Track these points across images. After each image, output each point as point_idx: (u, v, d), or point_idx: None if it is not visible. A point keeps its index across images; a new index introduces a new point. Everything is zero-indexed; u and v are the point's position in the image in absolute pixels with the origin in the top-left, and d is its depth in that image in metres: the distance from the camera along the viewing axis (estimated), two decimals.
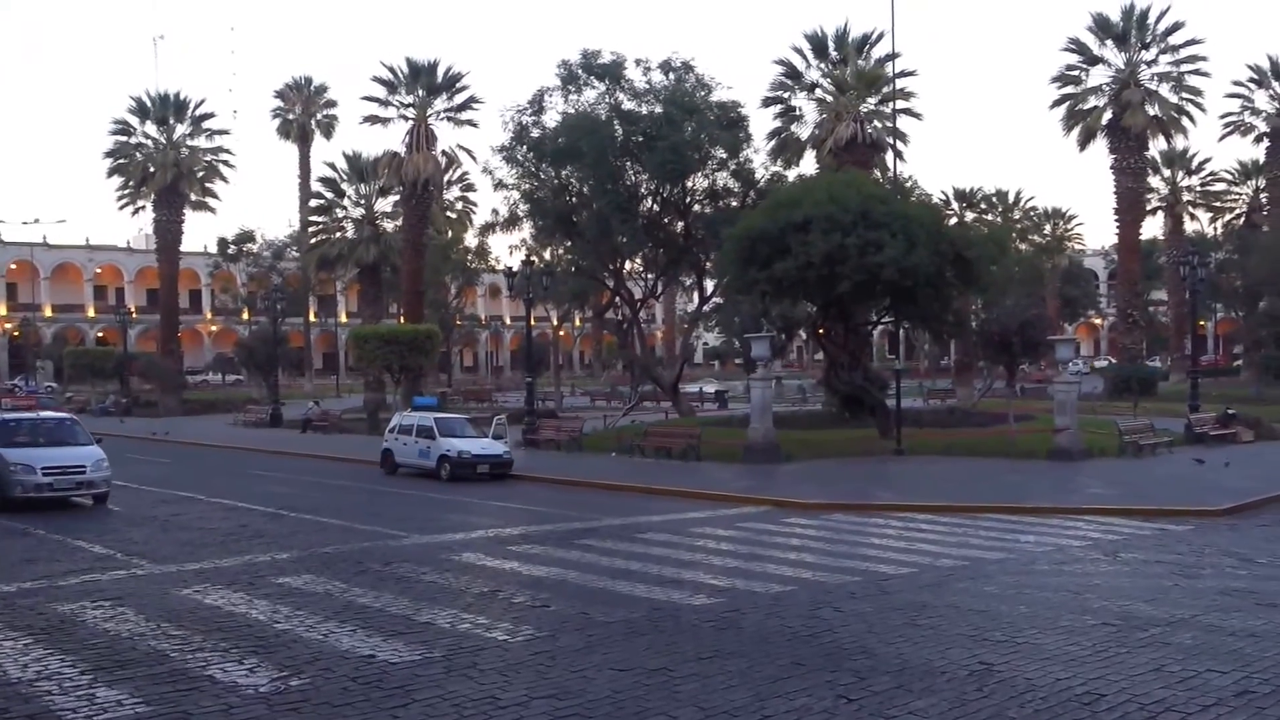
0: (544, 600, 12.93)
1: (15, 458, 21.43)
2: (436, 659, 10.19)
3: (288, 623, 11.73)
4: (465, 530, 18.96)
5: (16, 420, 24.18)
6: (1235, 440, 31.95)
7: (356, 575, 14.54)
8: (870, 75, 45.78)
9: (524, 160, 40.84)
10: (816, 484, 24.73)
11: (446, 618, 11.94)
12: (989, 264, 31.77)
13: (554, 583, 14.04)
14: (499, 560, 15.78)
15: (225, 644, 10.78)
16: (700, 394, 58.76)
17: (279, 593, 13.35)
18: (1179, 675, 9.55)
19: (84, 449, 22.39)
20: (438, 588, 13.73)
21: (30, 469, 21.21)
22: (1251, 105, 64.45)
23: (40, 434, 22.73)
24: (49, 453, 21.84)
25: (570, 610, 12.34)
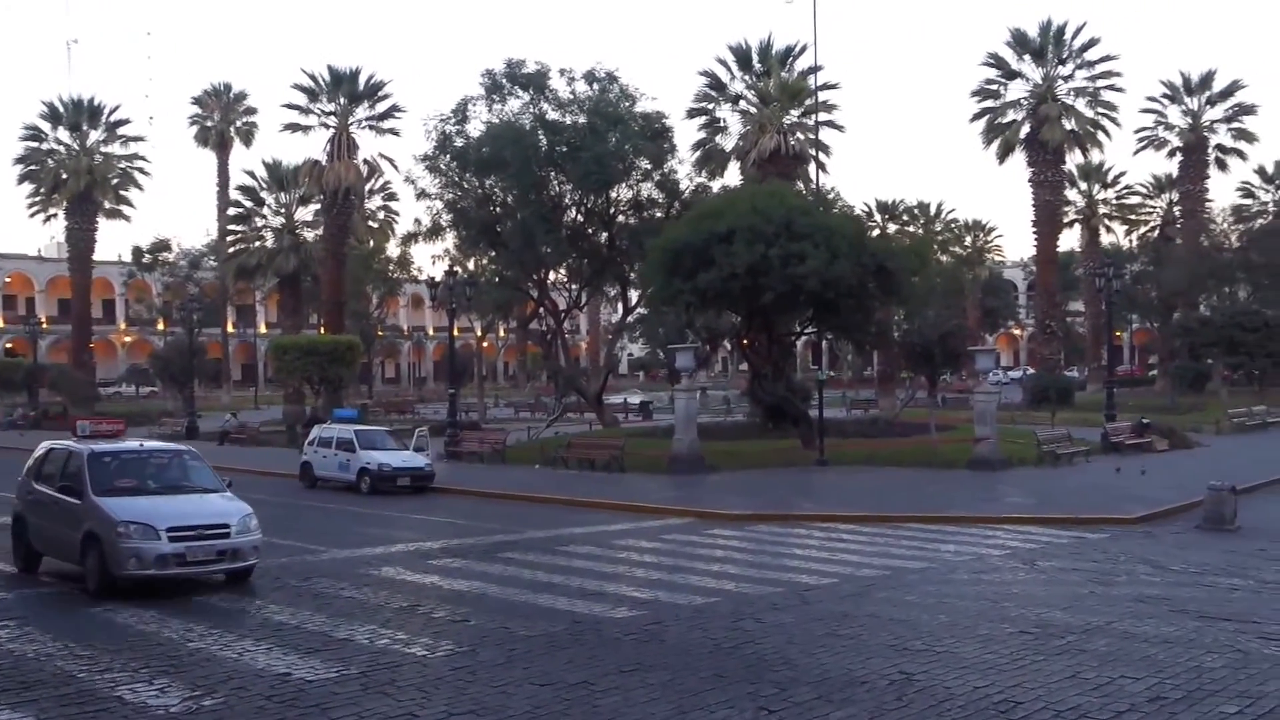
0: (464, 615, 12.74)
1: (125, 512, 13.75)
2: (354, 676, 9.98)
3: (201, 641, 11.43)
4: (385, 544, 18.62)
5: (115, 455, 15.37)
6: (1150, 449, 32.74)
7: (273, 591, 14.23)
8: (794, 87, 46.26)
9: (447, 170, 40.45)
10: (740, 495, 24.76)
11: (365, 634, 11.71)
12: (910, 275, 32.14)
13: (475, 597, 13.86)
14: (419, 574, 15.51)
15: (135, 664, 10.48)
16: (625, 405, 58.71)
17: (192, 610, 12.99)
18: (1094, 682, 9.68)
19: (218, 499, 15.14)
20: (356, 603, 13.46)
21: (150, 531, 13.58)
22: (1165, 120, 66.73)
23: (149, 474, 15.30)
24: (171, 505, 14.42)
25: (491, 624, 12.17)
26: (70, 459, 15.17)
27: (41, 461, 16.13)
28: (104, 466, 14.85)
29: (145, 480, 15.05)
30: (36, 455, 16.47)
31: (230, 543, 14.20)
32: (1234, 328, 52.73)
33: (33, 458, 16.48)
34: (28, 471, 16.23)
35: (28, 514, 15.79)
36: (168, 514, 14.04)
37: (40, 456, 16.32)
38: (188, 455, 16.23)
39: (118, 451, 15.56)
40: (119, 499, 14.16)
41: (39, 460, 16.22)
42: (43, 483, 15.60)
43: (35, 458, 16.42)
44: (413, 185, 41.51)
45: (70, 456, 15.22)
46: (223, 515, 14.43)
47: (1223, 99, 65.44)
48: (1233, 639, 11.26)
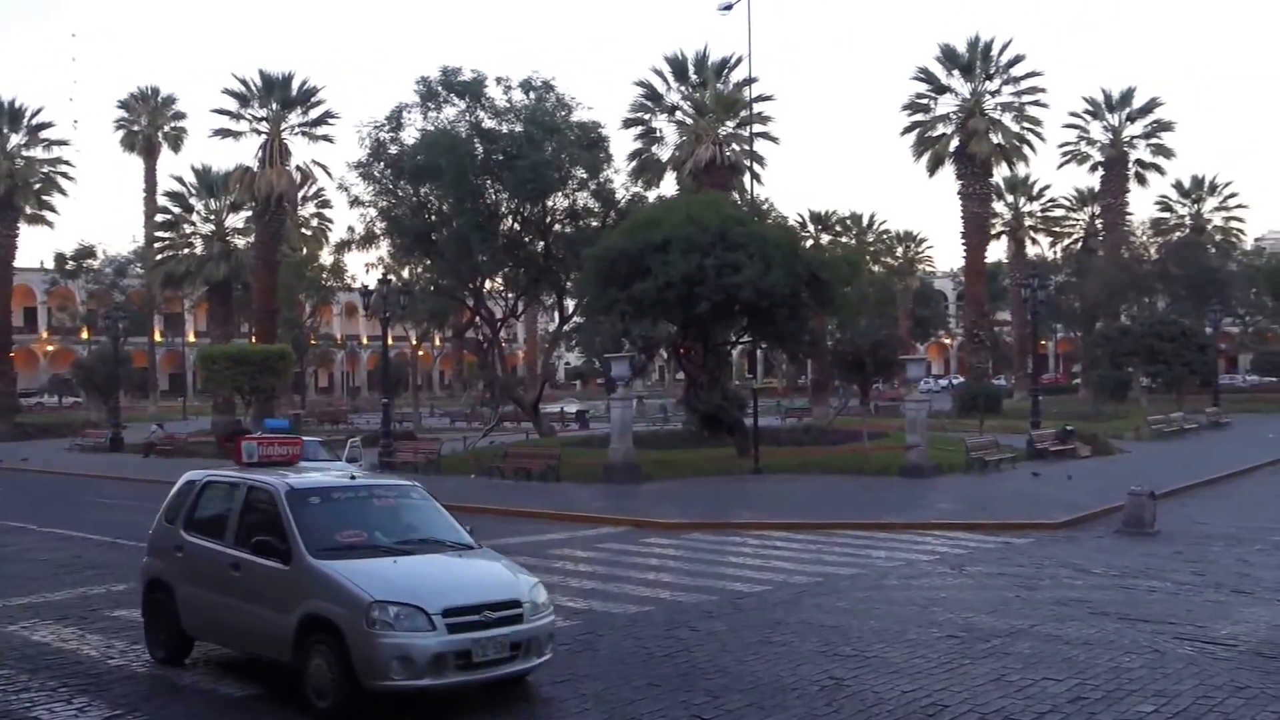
0: None
1: (376, 585, 9.10)
2: (280, 692, 9.79)
3: (123, 658, 11.19)
4: None
5: (323, 493, 10.56)
6: (1073, 455, 33.44)
7: None
8: (729, 99, 46.66)
9: (381, 177, 40.11)
10: (675, 503, 24.84)
11: None
12: (843, 285, 32.56)
13: None
14: None
15: (54, 682, 10.23)
16: (562, 414, 58.63)
17: (114, 626, 12.67)
18: (1018, 684, 9.87)
19: (483, 559, 10.46)
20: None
21: (419, 617, 8.92)
22: (1087, 136, 68.56)
23: (375, 522, 10.41)
24: (429, 571, 9.68)
25: None
26: (250, 499, 10.44)
27: (191, 501, 11.23)
28: (314, 512, 9.97)
29: (372, 531, 10.12)
30: (178, 491, 11.51)
31: (525, 630, 9.33)
32: (1153, 337, 54.18)
33: (173, 494, 11.57)
34: (168, 516, 11.40)
35: (177, 581, 10.80)
36: (434, 586, 9.22)
37: (185, 493, 11.40)
38: (413, 491, 11.12)
39: (326, 489, 10.53)
40: (352, 563, 9.34)
41: (185, 499, 11.32)
42: (201, 533, 10.78)
43: (177, 494, 11.50)
44: (346, 192, 41.14)
45: (249, 495, 10.48)
46: (507, 587, 9.62)
47: (1142, 115, 67.47)
48: (1150, 640, 11.55)
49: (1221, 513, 22.89)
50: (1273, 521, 21.27)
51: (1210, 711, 9.07)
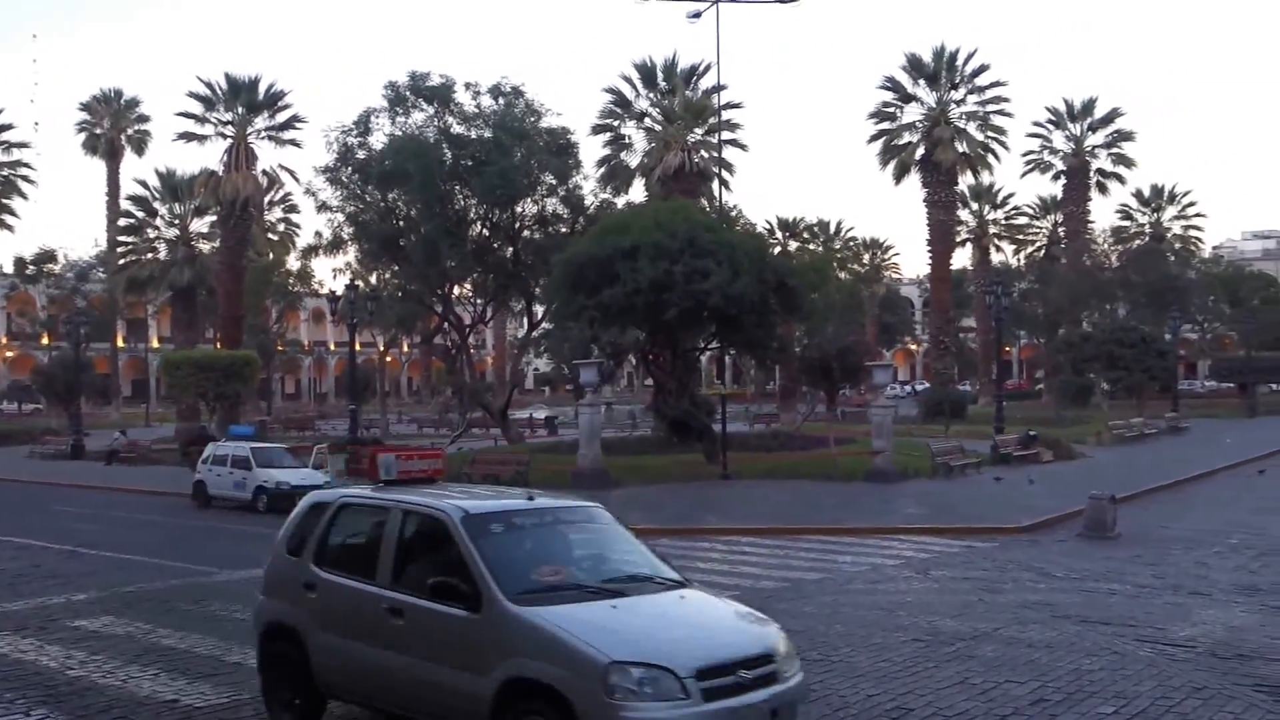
0: None
1: (611, 644, 7.08)
2: (246, 700, 9.78)
3: (82, 669, 11.05)
4: None
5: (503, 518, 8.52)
6: (1036, 460, 33.85)
7: (162, 615, 13.81)
8: (698, 106, 46.90)
9: (349, 182, 39.93)
10: (644, 509, 24.84)
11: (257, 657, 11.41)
12: (811, 292, 32.76)
13: None
14: None
15: (10, 694, 10.10)
16: (530, 420, 58.57)
17: (74, 637, 12.53)
18: (981, 687, 10.00)
19: (713, 603, 8.67)
20: (249, 626, 13.03)
21: (669, 681, 6.94)
22: (1050, 145, 69.55)
23: (567, 555, 8.58)
24: (657, 617, 7.72)
25: None
26: (410, 527, 8.39)
27: (322, 529, 9.03)
28: (499, 543, 7.96)
29: (570, 566, 8.23)
30: (303, 515, 9.38)
31: (782, 691, 7.46)
32: (1113, 343, 54.98)
33: (296, 520, 9.41)
34: (291, 546, 9.24)
35: (309, 628, 8.72)
36: (676, 639, 7.30)
37: (312, 518, 9.24)
38: (599, 513, 9.03)
39: (507, 513, 8.54)
40: (564, 609, 7.35)
41: (313, 526, 9.12)
42: (342, 569, 8.69)
43: (301, 520, 9.33)
44: (313, 197, 40.96)
45: (408, 522, 8.41)
46: (757, 638, 7.69)
47: (1103, 125, 68.46)
48: (1110, 642, 11.72)
49: (1180, 516, 23.25)
50: (1230, 525, 21.62)
51: (1168, 712, 9.23)
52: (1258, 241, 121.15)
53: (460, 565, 7.69)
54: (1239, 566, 16.83)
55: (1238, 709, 9.29)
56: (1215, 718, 9.10)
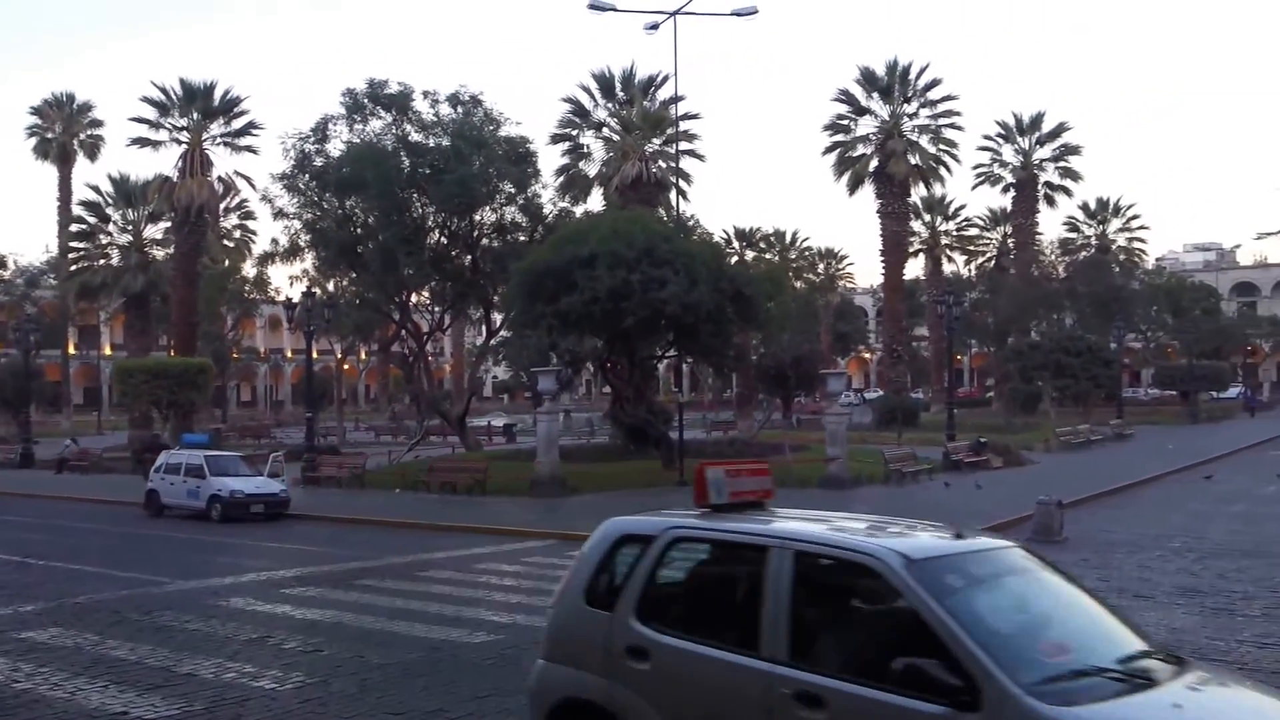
0: (317, 644, 12.54)
1: None
2: (198, 712, 9.75)
3: (29, 681, 10.92)
4: (235, 574, 18.14)
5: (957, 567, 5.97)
6: (987, 466, 34.37)
7: (112, 626, 13.65)
8: (655, 116, 47.09)
9: (306, 189, 39.68)
10: (601, 516, 24.28)
11: (210, 667, 11.39)
12: (767, 301, 33.04)
13: (329, 626, 13.65)
14: (270, 604, 15.17)
15: None
16: (489, 427, 58.47)
17: (20, 649, 12.37)
18: None
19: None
20: (202, 636, 13.07)
21: None
22: (1000, 158, 70.60)
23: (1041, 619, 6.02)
24: None
25: (344, 654, 12.02)
26: (806, 573, 6.03)
27: (645, 571, 6.71)
28: (973, 605, 5.70)
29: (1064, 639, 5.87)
30: (605, 550, 7.09)
31: None
32: (1061, 352, 55.91)
33: (592, 559, 7.11)
34: (594, 593, 6.94)
35: (638, 713, 6.35)
36: None
37: (624, 555, 6.95)
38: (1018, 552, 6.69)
39: (957, 557, 6.16)
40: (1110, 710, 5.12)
41: (626, 565, 6.87)
42: (692, 632, 6.34)
43: (601, 557, 7.07)
44: (270, 204, 40.62)
45: (799, 567, 6.02)
46: None
47: (1051, 139, 69.58)
48: None
49: (1125, 520, 23.68)
50: (1172, 529, 22.10)
51: None
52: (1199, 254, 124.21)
53: (920, 636, 5.34)
54: (1180, 569, 17.23)
55: None
56: None
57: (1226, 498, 27.68)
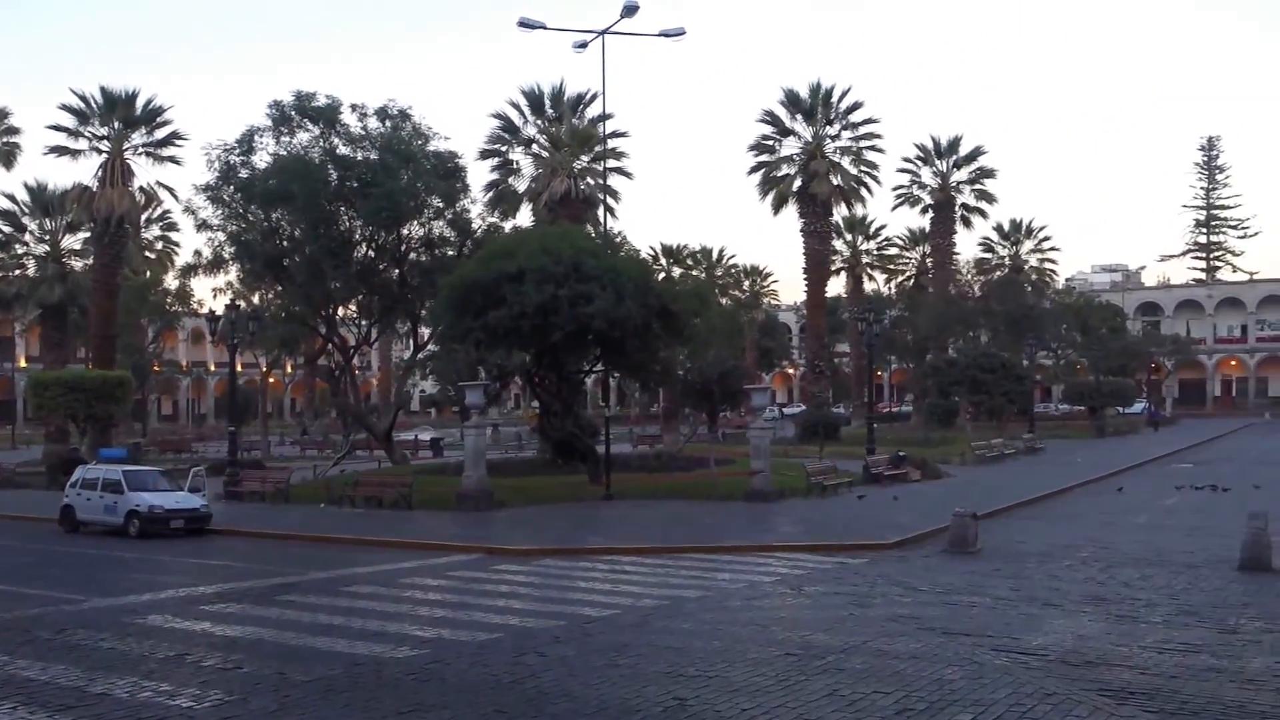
0: (236, 662, 12.42)
1: None
2: None
3: None
4: (154, 591, 17.85)
5: None
6: (905, 479, 35.09)
7: (22, 645, 13.35)
8: (584, 133, 47.34)
9: (231, 201, 39.08)
10: (528, 530, 25.08)
11: (125, 687, 11.20)
12: (693, 317, 33.41)
13: (249, 642, 13.52)
14: (189, 621, 14.97)
15: None
16: (415, 441, 58.03)
17: None
18: (849, 699, 10.44)
19: None
20: (117, 654, 12.84)
21: None
22: (919, 180, 72.35)
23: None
24: None
25: (265, 670, 11.92)
26: None
27: None
28: None
29: None
30: None
31: None
32: (976, 368, 57.29)
33: None
34: None
35: None
36: None
37: None
38: None
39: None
40: None
41: None
42: None
43: None
44: (193, 216, 39.85)
45: None
46: None
47: (967, 162, 71.40)
48: (971, 652, 12.33)
49: (1036, 531, 24.44)
50: (1081, 539, 22.86)
51: (1022, 718, 9.77)
52: (1106, 274, 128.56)
53: None
54: (1088, 578, 17.86)
55: (1084, 713, 9.88)
56: None
57: (1131, 509, 28.67)
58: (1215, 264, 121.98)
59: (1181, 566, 18.97)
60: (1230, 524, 22.39)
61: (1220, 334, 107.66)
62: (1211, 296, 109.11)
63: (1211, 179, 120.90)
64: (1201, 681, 11.03)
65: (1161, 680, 11.07)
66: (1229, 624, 14.06)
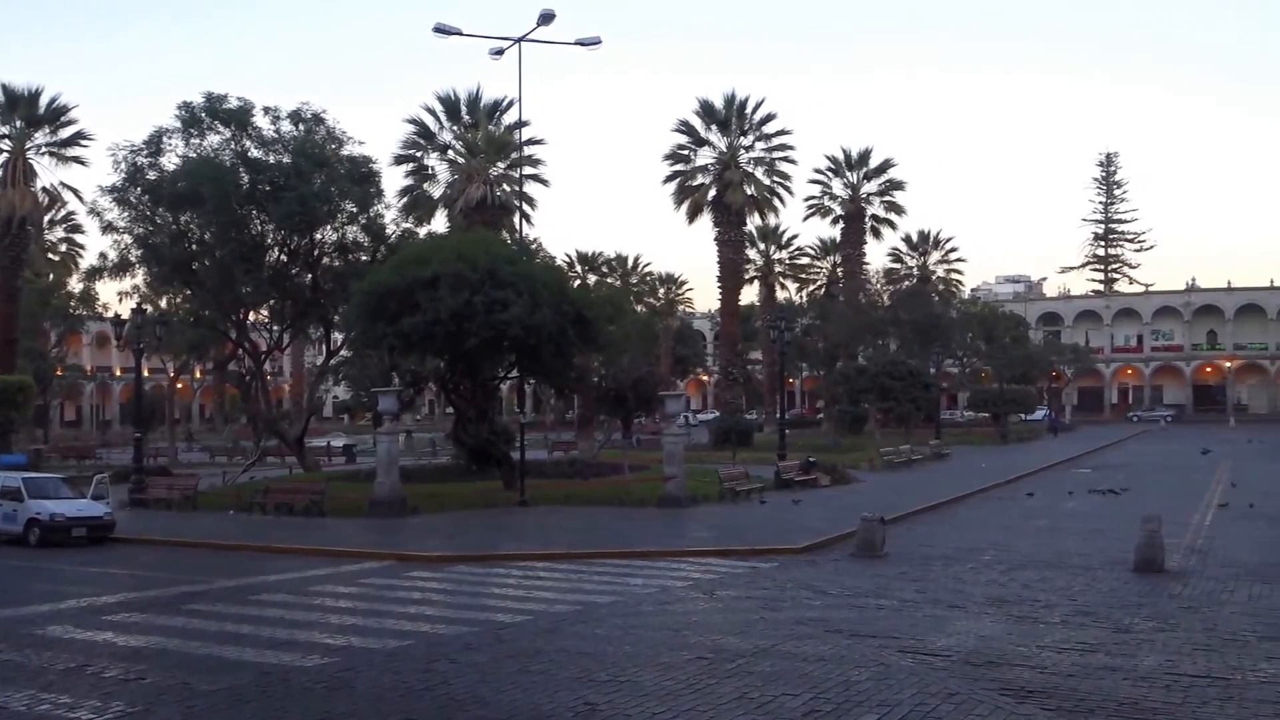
0: (140, 672, 12.15)
1: None
2: None
3: None
4: (54, 601, 17.31)
5: None
6: (815, 485, 35.61)
7: None
8: (500, 140, 47.25)
9: (138, 203, 38.15)
10: (441, 537, 24.92)
11: (23, 700, 10.92)
12: (608, 324, 33.52)
13: (153, 652, 13.25)
14: (91, 632, 14.59)
15: None
16: (328, 448, 57.16)
17: None
18: (758, 701, 10.58)
19: None
20: (14, 666, 12.50)
21: None
22: (830, 191, 73.63)
23: None
24: None
25: (169, 681, 11.70)
26: None
27: None
28: None
29: None
30: None
31: None
32: (885, 376, 58.51)
33: None
34: None
35: None
36: None
37: None
38: None
39: None
40: None
41: None
42: None
43: None
44: (99, 218, 38.76)
45: None
46: None
47: (877, 175, 72.84)
48: (877, 654, 12.59)
49: (941, 535, 24.98)
50: (984, 542, 23.47)
51: (925, 717, 10.04)
52: (1009, 285, 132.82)
53: None
54: (991, 580, 18.34)
55: (984, 711, 10.17)
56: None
57: (1032, 513, 29.48)
58: (1113, 276, 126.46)
59: (1079, 568, 19.54)
60: (1126, 527, 23.06)
61: (1117, 343, 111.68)
62: (1109, 307, 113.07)
63: (1110, 194, 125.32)
64: (1097, 680, 11.40)
65: (1059, 679, 11.43)
66: (1123, 624, 14.52)
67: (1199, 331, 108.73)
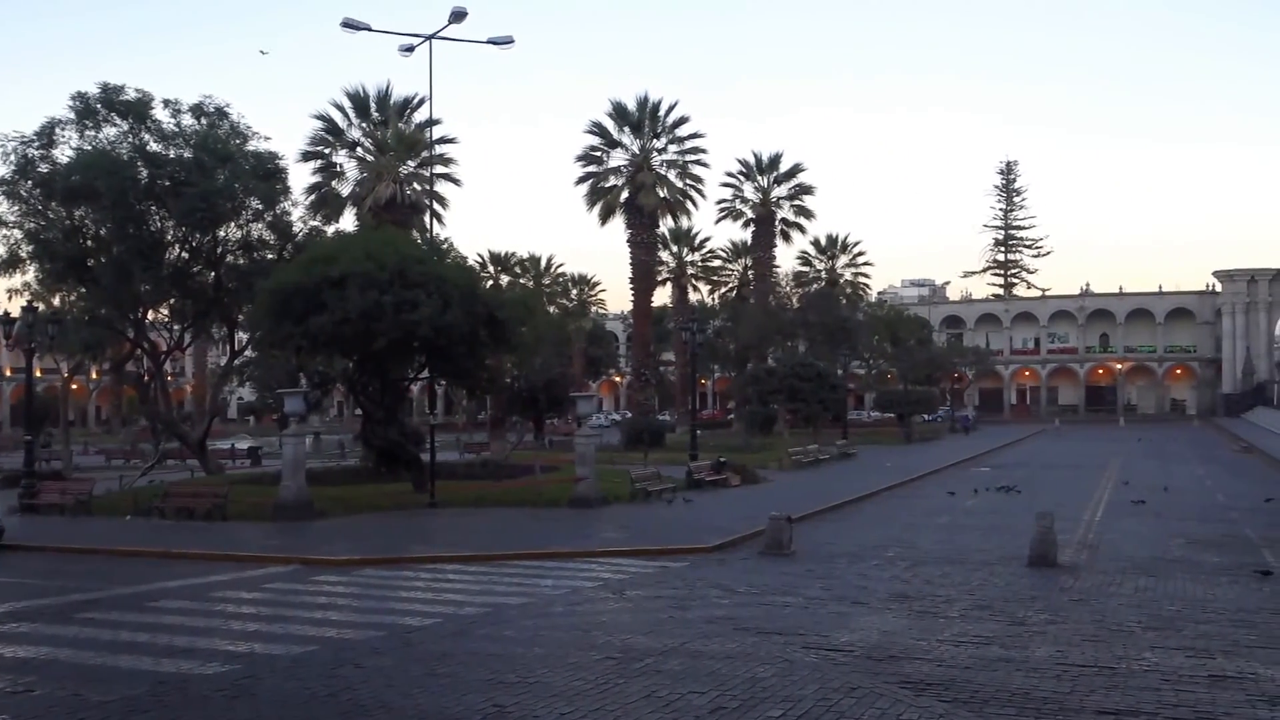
0: (28, 684, 11.73)
1: None
2: None
3: None
4: None
5: None
6: (726, 485, 35.99)
7: None
8: (411, 138, 46.70)
9: (29, 196, 36.88)
10: (348, 540, 24.57)
11: None
12: (519, 325, 33.39)
13: (43, 663, 12.81)
14: None
15: None
16: (232, 450, 55.99)
17: None
18: (666, 699, 10.68)
19: None
20: None
21: None
22: (741, 195, 74.57)
23: None
24: None
25: (60, 692, 11.32)
26: None
27: None
28: None
29: None
30: None
31: None
32: (794, 377, 59.38)
33: None
34: None
35: None
36: None
37: None
38: None
39: None
40: None
41: None
42: None
43: None
44: None
45: None
46: None
47: (787, 179, 73.92)
48: (783, 650, 12.79)
49: (847, 533, 25.49)
50: (888, 540, 23.98)
51: (828, 711, 10.23)
52: (914, 289, 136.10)
53: None
54: (894, 577, 18.78)
55: (885, 705, 10.42)
56: (866, 714, 10.16)
57: (933, 511, 30.21)
58: (1012, 280, 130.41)
59: (978, 564, 20.12)
60: (1022, 523, 23.78)
61: (1016, 346, 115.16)
62: (1008, 311, 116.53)
63: (1010, 201, 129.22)
64: (992, 671, 11.75)
65: (957, 671, 11.77)
66: (1018, 617, 15.00)
67: (1092, 335, 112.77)
